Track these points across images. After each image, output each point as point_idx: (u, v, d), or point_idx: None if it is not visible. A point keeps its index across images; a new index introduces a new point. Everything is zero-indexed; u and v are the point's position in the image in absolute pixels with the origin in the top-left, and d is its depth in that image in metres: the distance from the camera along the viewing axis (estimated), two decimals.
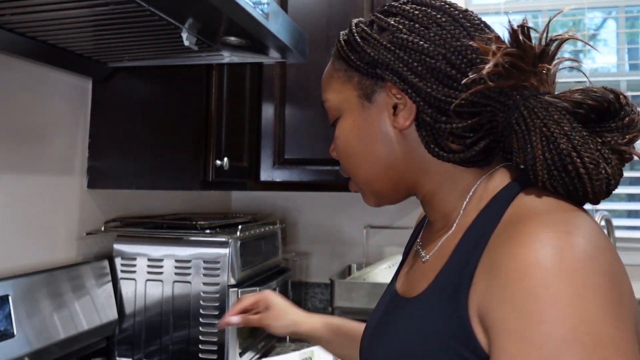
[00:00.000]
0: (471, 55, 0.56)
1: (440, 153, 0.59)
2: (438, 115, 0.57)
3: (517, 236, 0.47)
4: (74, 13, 0.87)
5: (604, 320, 0.41)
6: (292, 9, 1.60)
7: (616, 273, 0.45)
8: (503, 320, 0.44)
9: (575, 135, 0.50)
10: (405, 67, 0.58)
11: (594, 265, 0.44)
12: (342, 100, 0.65)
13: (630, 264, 1.74)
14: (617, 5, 1.93)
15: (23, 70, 1.14)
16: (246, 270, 1.35)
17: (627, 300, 0.45)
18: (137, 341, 1.32)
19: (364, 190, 0.67)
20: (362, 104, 0.63)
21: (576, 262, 0.43)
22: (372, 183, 0.65)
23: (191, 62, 1.19)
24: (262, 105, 1.59)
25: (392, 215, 1.95)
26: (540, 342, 0.41)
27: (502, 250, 0.48)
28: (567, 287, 0.42)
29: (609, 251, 0.46)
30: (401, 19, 0.61)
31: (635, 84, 1.90)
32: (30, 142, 1.17)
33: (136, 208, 1.52)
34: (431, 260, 0.63)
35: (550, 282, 0.43)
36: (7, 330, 0.99)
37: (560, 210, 0.49)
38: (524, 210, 0.51)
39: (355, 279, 1.73)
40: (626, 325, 0.43)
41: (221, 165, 1.28)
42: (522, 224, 0.48)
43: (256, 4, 0.88)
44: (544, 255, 0.44)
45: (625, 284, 0.46)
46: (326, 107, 0.68)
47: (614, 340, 0.41)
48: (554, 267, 0.43)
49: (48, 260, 1.21)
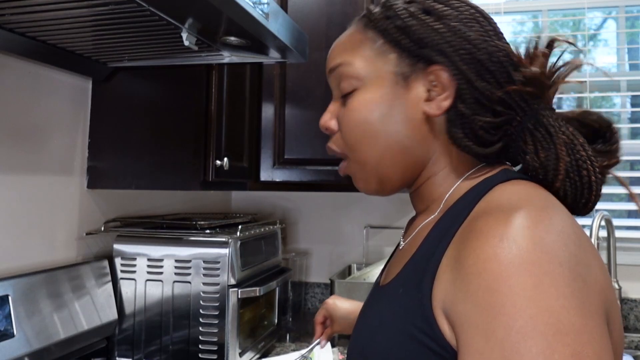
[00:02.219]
0: (503, 58, 0.58)
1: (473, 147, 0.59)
2: (476, 107, 0.58)
3: (478, 231, 0.48)
4: (73, 13, 0.87)
5: (564, 309, 0.41)
6: (292, 9, 1.59)
7: (580, 263, 0.45)
8: (466, 315, 0.45)
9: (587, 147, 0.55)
10: (456, 54, 0.58)
11: (552, 256, 0.44)
12: (371, 72, 0.61)
13: (630, 264, 1.74)
14: (617, 5, 1.93)
15: (23, 70, 1.14)
16: (246, 270, 1.35)
17: (595, 289, 0.45)
18: (137, 341, 1.32)
19: (368, 172, 0.63)
20: (397, 81, 0.60)
21: (533, 254, 0.44)
22: (382, 166, 0.62)
23: (191, 62, 1.19)
24: (262, 105, 1.59)
25: (392, 215, 1.95)
26: (501, 334, 0.42)
27: (465, 244, 0.48)
28: (525, 278, 0.43)
29: (574, 244, 0.46)
30: (446, 7, 0.60)
31: (635, 84, 1.90)
32: (30, 142, 1.17)
33: (136, 208, 1.52)
34: (405, 247, 0.64)
35: (508, 275, 0.43)
36: (7, 330, 0.99)
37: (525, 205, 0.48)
38: (490, 204, 0.52)
39: (355, 279, 1.73)
40: (591, 313, 0.43)
41: (221, 165, 1.28)
42: (484, 219, 0.49)
43: (256, 4, 0.88)
44: (502, 250, 0.44)
45: (590, 274, 0.46)
46: (342, 72, 0.63)
47: (576, 328, 0.41)
48: (512, 260, 0.44)
49: (48, 260, 1.21)
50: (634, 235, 1.76)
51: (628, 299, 1.73)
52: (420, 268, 0.54)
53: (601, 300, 0.45)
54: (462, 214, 0.54)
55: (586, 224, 1.82)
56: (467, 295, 0.45)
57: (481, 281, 0.44)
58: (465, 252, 0.47)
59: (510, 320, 0.42)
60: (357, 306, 1.10)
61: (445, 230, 0.54)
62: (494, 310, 0.43)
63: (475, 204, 0.54)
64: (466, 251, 0.47)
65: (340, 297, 1.14)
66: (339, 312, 1.10)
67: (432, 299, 0.50)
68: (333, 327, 1.12)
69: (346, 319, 1.09)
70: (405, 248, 0.64)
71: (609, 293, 0.47)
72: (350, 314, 1.09)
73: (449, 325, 0.47)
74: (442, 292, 0.49)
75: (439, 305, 0.49)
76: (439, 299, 0.49)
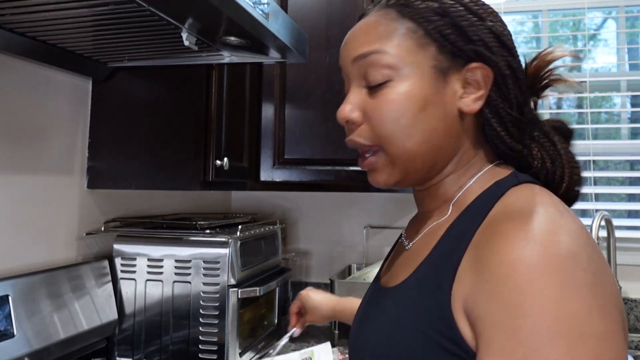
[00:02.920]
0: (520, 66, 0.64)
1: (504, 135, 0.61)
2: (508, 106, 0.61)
3: (501, 233, 0.48)
4: (73, 13, 0.87)
5: (587, 314, 0.42)
6: (292, 9, 1.59)
7: (599, 269, 0.46)
8: (491, 314, 0.45)
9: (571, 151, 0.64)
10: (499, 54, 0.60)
11: (577, 261, 0.45)
12: (410, 63, 0.59)
13: (630, 264, 1.74)
14: (617, 5, 1.93)
15: (23, 70, 1.14)
16: (246, 270, 1.35)
17: (611, 294, 0.46)
18: (137, 341, 1.32)
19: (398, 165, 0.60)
20: (436, 75, 0.59)
21: (559, 258, 0.45)
22: (414, 159, 0.60)
23: (191, 62, 1.19)
24: (262, 105, 1.59)
25: (392, 215, 1.95)
26: (525, 335, 0.42)
27: (488, 247, 0.49)
28: (551, 282, 0.43)
29: (592, 248, 0.48)
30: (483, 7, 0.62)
31: (635, 84, 1.90)
32: (30, 142, 1.17)
33: (136, 208, 1.52)
34: (413, 248, 0.63)
35: (535, 277, 0.44)
36: (7, 330, 0.99)
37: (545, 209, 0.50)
38: (509, 207, 0.52)
39: (355, 279, 1.73)
40: (612, 318, 0.44)
41: (221, 165, 1.28)
42: (507, 222, 0.49)
43: (256, 4, 0.88)
44: (529, 252, 0.45)
45: (608, 279, 0.47)
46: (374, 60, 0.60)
47: (597, 333, 0.42)
48: (538, 263, 0.44)
49: (48, 260, 1.21)
50: (634, 235, 1.76)
51: (628, 299, 1.73)
52: (439, 269, 0.54)
53: (618, 305, 0.46)
54: (480, 216, 0.54)
55: (586, 224, 1.82)
56: (492, 296, 0.46)
57: (506, 282, 0.45)
58: (489, 254, 0.48)
59: (535, 322, 0.42)
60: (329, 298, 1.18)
61: (463, 232, 0.54)
62: (520, 311, 0.43)
63: (491, 207, 0.54)
64: (490, 253, 0.48)
65: (314, 289, 1.22)
66: (311, 303, 1.18)
67: (452, 300, 0.50)
68: (305, 317, 1.21)
69: (318, 309, 1.18)
70: (414, 249, 0.63)
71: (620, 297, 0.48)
72: (322, 304, 1.18)
73: (470, 327, 0.48)
74: (464, 293, 0.49)
75: (459, 306, 0.49)
76: (460, 300, 0.49)
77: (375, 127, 0.60)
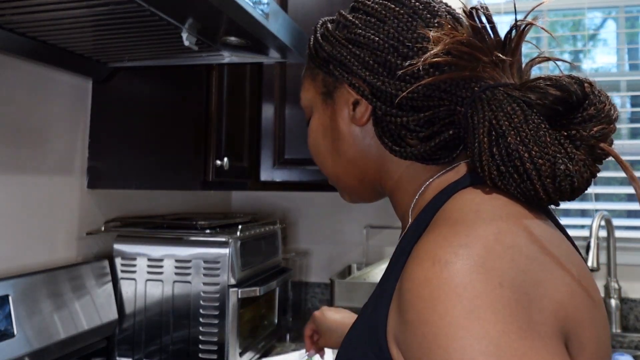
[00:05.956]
0: (422, 45, 0.53)
1: (394, 147, 0.56)
2: (390, 108, 0.55)
3: (416, 252, 0.44)
4: (74, 13, 0.88)
5: (504, 334, 0.37)
6: (292, 9, 1.60)
7: (529, 280, 0.40)
8: (408, 346, 0.42)
9: (525, 128, 0.45)
10: (357, 62, 0.56)
11: (492, 276, 0.40)
12: (310, 99, 0.65)
13: (630, 264, 1.74)
14: (617, 5, 1.93)
15: (23, 70, 1.14)
16: (246, 270, 1.35)
17: (549, 308, 0.41)
18: (137, 341, 1.32)
19: (337, 186, 0.67)
20: (325, 101, 0.63)
21: (467, 275, 0.39)
22: (339, 180, 0.65)
23: (191, 62, 1.19)
24: (262, 105, 1.59)
25: (392, 215, 1.95)
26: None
27: (406, 268, 0.44)
28: (456, 305, 0.39)
29: (527, 257, 0.42)
30: (360, 14, 0.59)
31: (635, 84, 1.90)
32: (30, 142, 1.17)
33: (136, 208, 1.52)
34: None
35: (438, 301, 0.39)
36: (7, 330, 0.99)
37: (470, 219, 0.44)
38: (437, 221, 0.47)
39: (355, 279, 1.73)
40: (540, 334, 0.39)
41: (221, 165, 1.28)
42: (426, 237, 0.45)
43: (256, 4, 0.88)
44: (433, 273, 0.41)
45: (546, 290, 0.41)
46: (302, 106, 0.69)
47: (519, 353, 0.37)
48: (441, 284, 0.40)
49: (48, 260, 1.21)
50: (634, 235, 1.77)
51: (628, 299, 1.73)
52: (379, 292, 0.51)
53: (557, 319, 0.41)
54: (419, 230, 0.49)
55: (586, 224, 1.82)
56: (405, 326, 0.42)
57: (414, 310, 0.41)
58: (404, 277, 0.44)
59: (444, 353, 0.38)
60: (348, 318, 1.00)
61: (402, 248, 0.50)
62: (428, 343, 0.39)
63: (431, 217, 0.49)
64: (405, 276, 0.44)
65: (331, 308, 1.03)
66: (326, 325, 1.00)
67: (387, 326, 0.46)
68: (319, 341, 1.03)
69: (334, 332, 0.98)
70: None
71: (572, 310, 0.42)
72: (338, 326, 0.98)
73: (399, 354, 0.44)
74: (393, 323, 0.45)
75: (391, 332, 0.45)
76: (391, 326, 0.45)
77: None
